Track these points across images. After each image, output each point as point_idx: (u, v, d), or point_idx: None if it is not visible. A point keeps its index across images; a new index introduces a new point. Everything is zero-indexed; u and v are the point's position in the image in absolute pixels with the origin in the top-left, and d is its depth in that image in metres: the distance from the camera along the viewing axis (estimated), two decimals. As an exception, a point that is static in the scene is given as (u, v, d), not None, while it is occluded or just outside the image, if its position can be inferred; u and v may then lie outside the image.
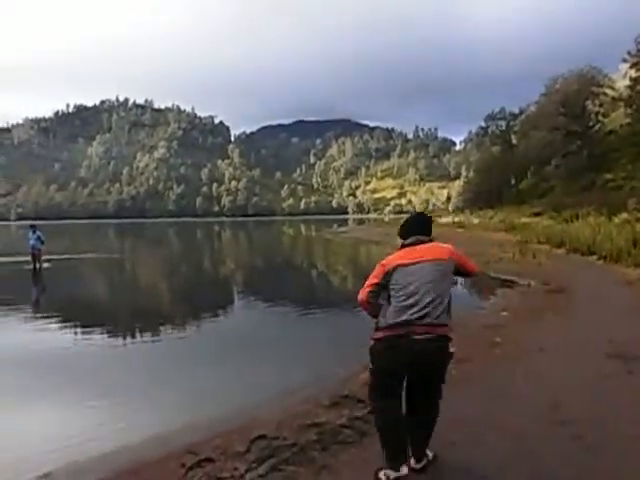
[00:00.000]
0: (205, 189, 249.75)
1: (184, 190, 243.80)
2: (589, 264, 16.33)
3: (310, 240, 47.32)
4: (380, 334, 3.37)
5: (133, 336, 9.36)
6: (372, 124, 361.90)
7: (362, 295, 3.54)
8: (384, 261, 3.52)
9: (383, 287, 3.46)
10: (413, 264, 3.37)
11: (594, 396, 5.01)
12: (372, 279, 3.52)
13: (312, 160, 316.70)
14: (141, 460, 4.06)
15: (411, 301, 3.25)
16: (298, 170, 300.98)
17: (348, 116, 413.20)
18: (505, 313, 9.38)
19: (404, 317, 3.23)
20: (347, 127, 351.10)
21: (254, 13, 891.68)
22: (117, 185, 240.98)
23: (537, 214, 37.76)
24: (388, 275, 3.42)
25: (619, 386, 5.27)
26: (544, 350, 6.76)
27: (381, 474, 3.42)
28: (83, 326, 10.11)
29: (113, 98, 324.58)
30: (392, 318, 3.29)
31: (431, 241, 3.57)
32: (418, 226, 3.67)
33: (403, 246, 3.62)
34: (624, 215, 23.62)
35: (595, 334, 7.45)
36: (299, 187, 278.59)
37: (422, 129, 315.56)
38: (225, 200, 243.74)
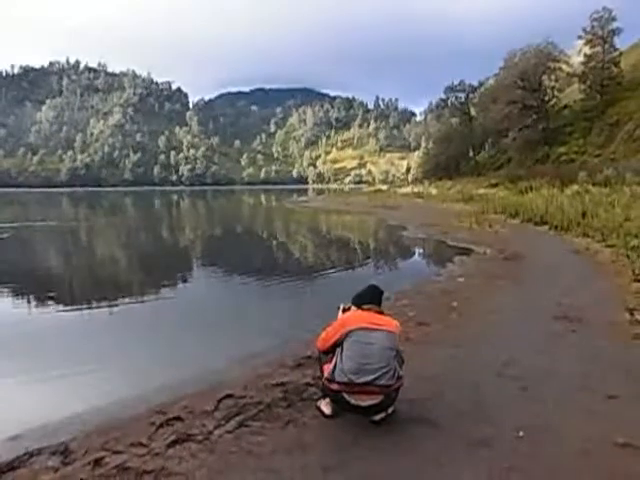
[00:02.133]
0: (162, 157, 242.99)
1: (141, 158, 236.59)
2: (542, 233, 16.94)
3: (270, 210, 47.19)
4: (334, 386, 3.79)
5: (94, 306, 9.28)
6: (333, 93, 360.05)
7: (321, 345, 4.06)
8: (344, 320, 3.96)
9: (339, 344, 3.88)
10: (375, 330, 3.79)
11: (540, 353, 5.37)
12: (334, 335, 3.92)
13: (272, 129, 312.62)
14: (111, 421, 4.13)
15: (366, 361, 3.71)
16: (258, 139, 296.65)
17: (309, 85, 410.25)
18: (461, 279, 9.72)
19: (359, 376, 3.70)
20: (308, 96, 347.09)
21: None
22: (70, 152, 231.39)
23: (494, 185, 38.61)
24: (348, 334, 3.82)
25: (563, 344, 5.65)
26: (497, 313, 7.11)
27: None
28: (39, 297, 9.95)
29: (63, 60, 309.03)
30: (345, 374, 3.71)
31: (382, 313, 4.04)
32: (373, 296, 4.10)
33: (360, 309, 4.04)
34: (575, 187, 24.49)
35: (545, 298, 7.85)
36: (259, 156, 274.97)
37: (383, 99, 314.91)
38: (183, 169, 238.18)
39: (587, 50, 46.05)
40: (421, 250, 16.78)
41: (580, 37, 47.14)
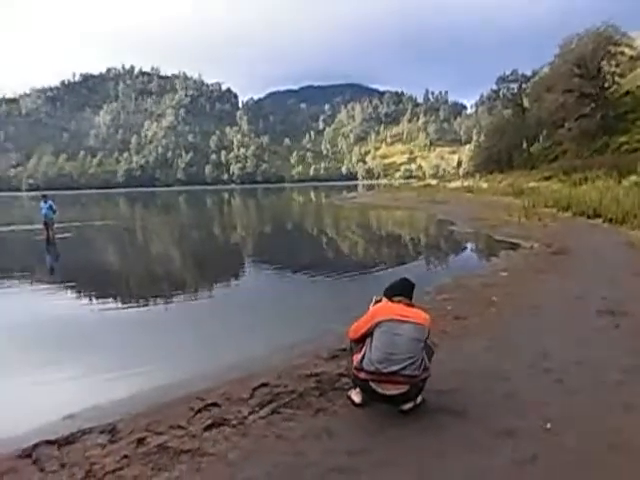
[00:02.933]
0: (214, 157, 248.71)
1: (193, 158, 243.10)
2: (594, 227, 16.40)
3: (319, 206, 47.46)
4: (362, 375, 3.93)
5: (149, 301, 9.72)
6: (382, 88, 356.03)
7: (352, 335, 4.18)
8: (374, 311, 4.09)
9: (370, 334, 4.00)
10: (403, 322, 3.89)
11: (580, 347, 5.28)
12: (364, 325, 4.04)
13: (321, 126, 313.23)
14: (155, 405, 4.41)
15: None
16: (307, 136, 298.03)
17: (357, 80, 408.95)
18: (504, 273, 9.60)
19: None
20: (356, 92, 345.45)
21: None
22: (126, 154, 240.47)
23: (547, 178, 37.41)
24: (378, 324, 3.93)
25: (604, 339, 5.54)
26: (538, 307, 7.01)
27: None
28: (98, 294, 10.53)
29: (119, 66, 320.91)
30: (372, 363, 3.84)
31: (413, 305, 4.12)
32: (404, 289, 4.20)
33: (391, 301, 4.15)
34: (633, 178, 23.48)
35: (590, 293, 7.66)
36: (308, 153, 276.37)
37: (432, 93, 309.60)
38: (234, 167, 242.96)
39: (653, 30, 43.74)
40: (467, 245, 16.58)
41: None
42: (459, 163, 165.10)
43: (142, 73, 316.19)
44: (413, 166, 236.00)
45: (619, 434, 3.47)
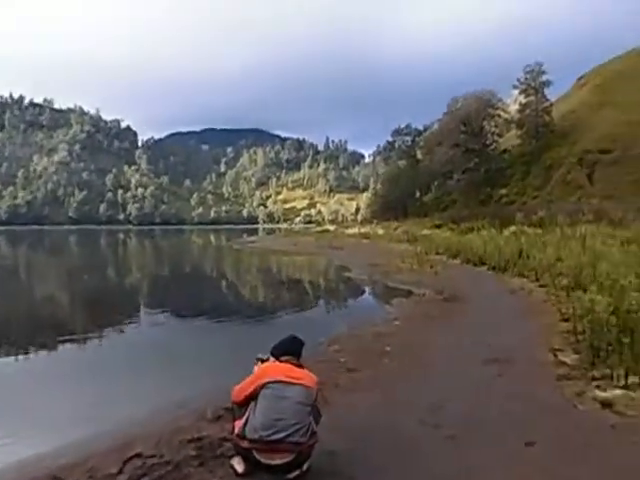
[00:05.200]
0: (110, 195, 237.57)
1: (87, 196, 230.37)
2: (480, 274, 17.31)
3: (217, 250, 46.63)
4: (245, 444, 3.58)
5: (26, 351, 8.72)
6: (284, 135, 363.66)
7: (235, 397, 3.86)
8: (260, 372, 3.79)
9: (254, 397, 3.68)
10: (291, 384, 3.62)
11: (467, 399, 5.32)
12: (249, 387, 3.73)
13: (223, 169, 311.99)
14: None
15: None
16: (208, 178, 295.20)
17: (260, 126, 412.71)
18: (398, 322, 9.71)
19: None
20: (259, 137, 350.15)
21: (166, 16, 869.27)
22: (10, 188, 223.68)
23: (438, 226, 39.56)
24: (264, 386, 3.64)
25: (490, 389, 5.64)
26: (429, 357, 7.08)
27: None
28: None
29: (6, 94, 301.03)
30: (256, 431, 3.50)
31: (301, 366, 3.88)
32: (293, 348, 3.96)
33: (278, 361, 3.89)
34: (512, 228, 25.34)
35: (477, 340, 7.90)
36: (209, 196, 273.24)
37: (332, 141, 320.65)
38: (131, 207, 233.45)
39: (522, 99, 48.89)
40: (362, 292, 16.81)
41: (515, 87, 50.11)
42: (357, 209, 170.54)
43: (32, 104, 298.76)
44: (313, 211, 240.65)
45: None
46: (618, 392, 5.26)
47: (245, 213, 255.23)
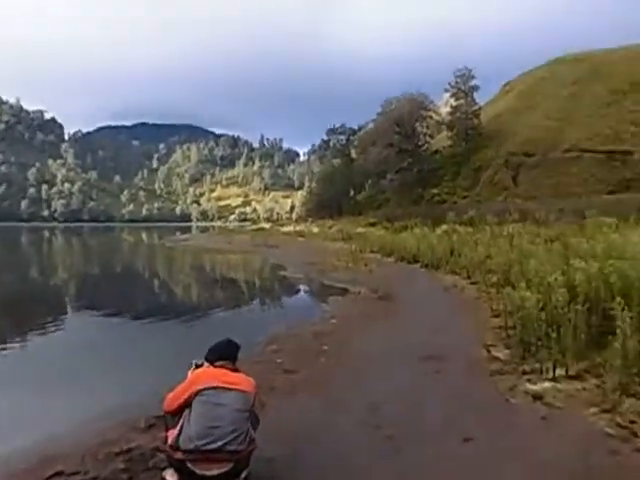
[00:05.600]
0: (32, 191, 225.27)
1: (6, 191, 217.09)
2: (414, 271, 17.67)
3: (151, 248, 45.26)
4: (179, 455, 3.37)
5: None
6: (218, 131, 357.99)
7: (168, 406, 3.62)
8: (194, 378, 3.59)
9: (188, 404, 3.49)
10: (226, 390, 3.45)
11: (406, 397, 5.35)
12: (182, 394, 3.52)
13: (155, 165, 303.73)
14: None
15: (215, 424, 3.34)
16: (140, 174, 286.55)
17: (194, 122, 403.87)
18: (334, 321, 9.70)
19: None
20: (193, 133, 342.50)
21: (101, 9, 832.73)
22: None
23: (372, 224, 40.16)
24: (198, 393, 3.45)
25: (426, 386, 5.70)
26: (366, 355, 7.08)
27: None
28: None
29: None
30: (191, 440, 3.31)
31: (237, 370, 3.72)
32: (228, 352, 3.79)
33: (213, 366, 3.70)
34: (444, 227, 26.06)
35: (413, 338, 8.00)
36: (141, 192, 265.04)
37: (267, 139, 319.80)
38: (57, 204, 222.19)
39: (453, 102, 50.48)
40: (298, 291, 16.75)
41: (447, 90, 51.61)
42: (292, 207, 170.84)
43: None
44: (248, 209, 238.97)
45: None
46: (547, 385, 5.45)
47: (178, 210, 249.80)
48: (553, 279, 6.90)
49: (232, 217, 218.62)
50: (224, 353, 3.74)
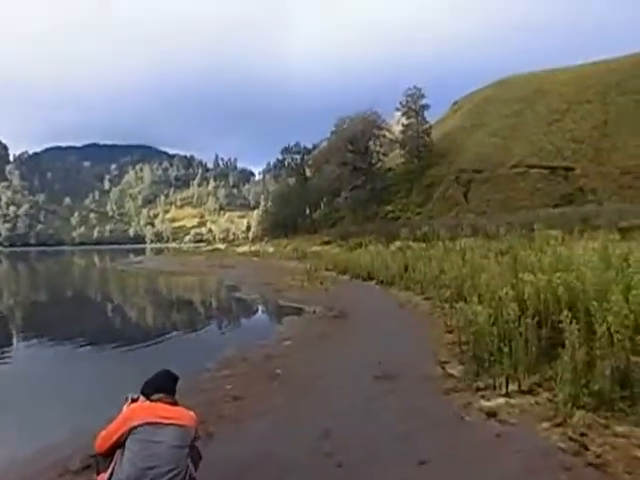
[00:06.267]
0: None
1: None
2: (369, 288, 17.66)
3: (102, 272, 43.89)
4: None
5: None
6: (172, 151, 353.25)
7: (99, 446, 3.32)
8: (128, 414, 3.31)
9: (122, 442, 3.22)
10: (163, 425, 3.21)
11: (359, 421, 5.20)
12: (114, 433, 3.24)
13: (107, 186, 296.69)
14: None
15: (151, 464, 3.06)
16: (90, 196, 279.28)
17: (146, 142, 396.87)
18: (288, 342, 9.50)
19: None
20: (145, 153, 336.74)
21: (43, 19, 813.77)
22: None
23: (327, 242, 40.24)
24: (132, 431, 3.19)
25: (381, 407, 5.56)
26: (320, 378, 6.91)
27: None
28: None
29: None
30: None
31: (176, 403, 3.50)
32: (165, 384, 3.58)
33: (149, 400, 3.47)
34: (398, 243, 26.31)
35: (367, 357, 7.86)
36: (92, 215, 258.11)
37: (222, 159, 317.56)
38: (1, 228, 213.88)
39: (404, 121, 51.54)
40: (253, 312, 16.46)
41: (398, 109, 52.69)
42: (248, 227, 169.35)
43: None
44: (203, 230, 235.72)
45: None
46: (501, 400, 5.42)
47: (131, 232, 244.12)
48: (504, 293, 6.95)
49: (187, 238, 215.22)
50: (161, 385, 3.52)
